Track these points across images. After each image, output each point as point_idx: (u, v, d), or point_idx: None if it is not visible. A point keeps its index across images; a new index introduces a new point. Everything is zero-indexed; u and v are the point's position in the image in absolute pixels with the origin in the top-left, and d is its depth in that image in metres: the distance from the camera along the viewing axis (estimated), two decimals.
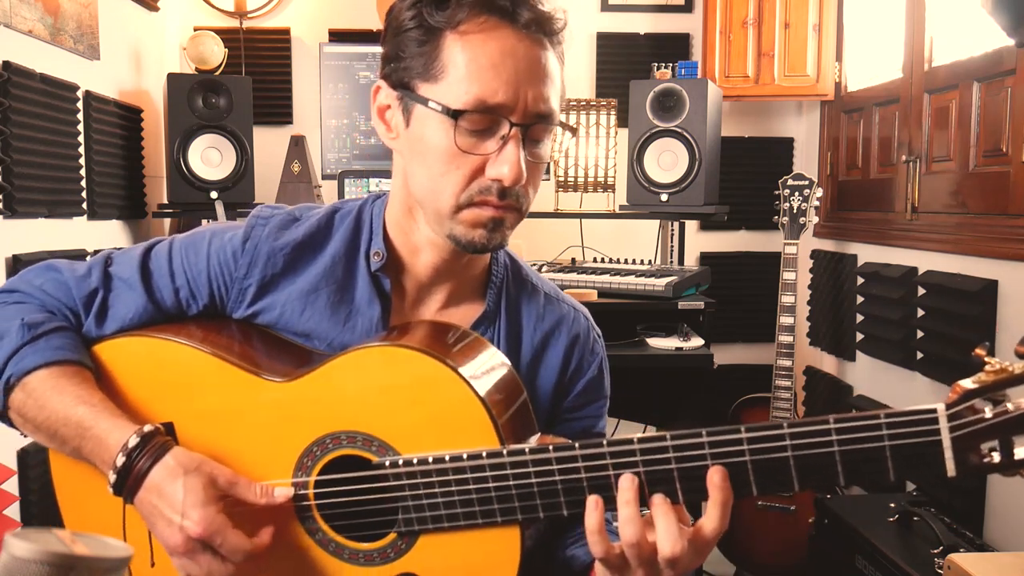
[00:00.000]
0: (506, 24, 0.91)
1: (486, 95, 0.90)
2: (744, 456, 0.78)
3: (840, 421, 0.75)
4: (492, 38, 0.91)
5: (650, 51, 3.25)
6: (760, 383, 2.83)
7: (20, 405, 0.95)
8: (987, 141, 2.16)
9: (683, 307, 2.43)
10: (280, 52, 3.24)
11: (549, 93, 0.94)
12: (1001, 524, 2.01)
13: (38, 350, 0.95)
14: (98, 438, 0.91)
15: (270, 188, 2.89)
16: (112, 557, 0.58)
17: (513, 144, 0.92)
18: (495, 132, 0.92)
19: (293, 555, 0.94)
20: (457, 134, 0.91)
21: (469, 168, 0.93)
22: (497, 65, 0.90)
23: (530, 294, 1.12)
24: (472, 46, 0.91)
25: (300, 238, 1.03)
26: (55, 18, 2.14)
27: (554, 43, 0.96)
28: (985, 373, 0.71)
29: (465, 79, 0.90)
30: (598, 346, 1.14)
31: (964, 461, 0.71)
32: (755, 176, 3.30)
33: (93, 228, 2.42)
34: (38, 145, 2.07)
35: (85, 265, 1.05)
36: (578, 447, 0.83)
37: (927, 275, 2.32)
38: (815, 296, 3.16)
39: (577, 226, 3.05)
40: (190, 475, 0.87)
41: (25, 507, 1.91)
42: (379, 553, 0.92)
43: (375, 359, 0.91)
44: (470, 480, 0.85)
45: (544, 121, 0.95)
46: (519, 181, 0.92)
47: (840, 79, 3.06)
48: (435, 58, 0.92)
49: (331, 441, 0.92)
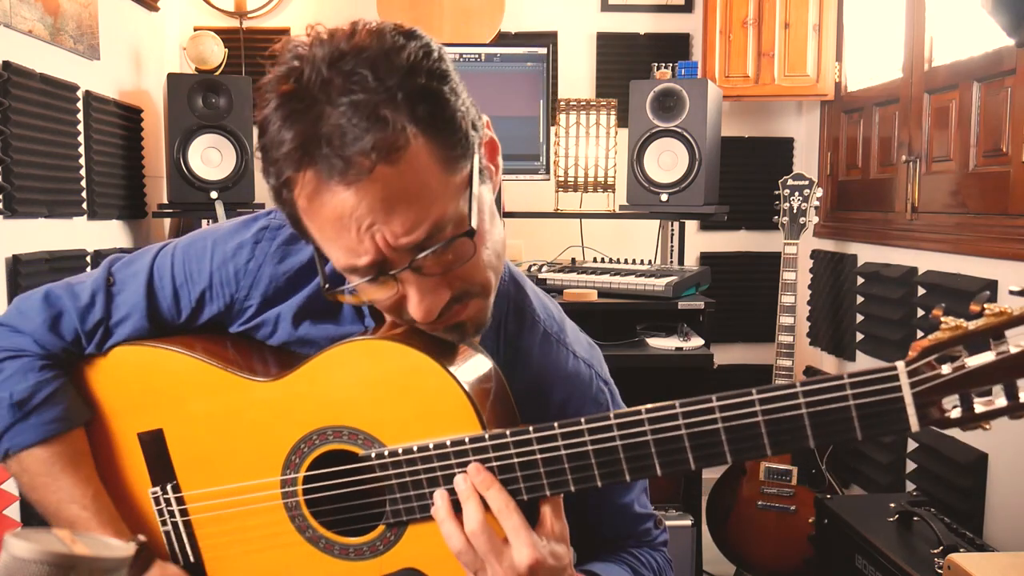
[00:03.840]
0: (326, 181, 0.75)
1: (352, 261, 0.79)
2: (717, 424, 0.80)
3: (806, 384, 0.77)
4: (322, 204, 0.76)
5: (650, 51, 3.25)
6: (760, 383, 2.81)
7: (18, 474, 0.97)
8: (987, 141, 2.16)
9: (683, 307, 2.43)
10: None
11: (414, 218, 0.76)
12: (1001, 524, 2.01)
13: (29, 427, 0.95)
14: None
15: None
16: (112, 557, 0.58)
17: (410, 288, 0.81)
18: (385, 285, 0.82)
19: (284, 554, 0.95)
20: (362, 294, 0.84)
21: (394, 311, 0.85)
22: (341, 233, 0.77)
23: (529, 329, 1.01)
24: (312, 220, 0.79)
25: (305, 261, 0.98)
26: (55, 18, 2.14)
27: (392, 157, 0.74)
28: (942, 331, 0.73)
29: (330, 253, 0.81)
30: (602, 397, 1.03)
31: (926, 416, 0.74)
32: (755, 176, 3.30)
33: (93, 228, 2.42)
34: (38, 145, 2.07)
35: (87, 290, 0.99)
36: (557, 426, 0.83)
37: (927, 275, 2.32)
38: (815, 296, 3.16)
39: (577, 226, 3.05)
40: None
41: (25, 507, 1.91)
42: (368, 547, 0.92)
43: (358, 353, 0.91)
44: (454, 466, 0.85)
45: (423, 250, 0.78)
46: (432, 315, 0.82)
47: (840, 79, 3.06)
48: (291, 207, 0.81)
49: (318, 437, 0.92)
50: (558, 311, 1.06)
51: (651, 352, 2.40)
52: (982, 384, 0.72)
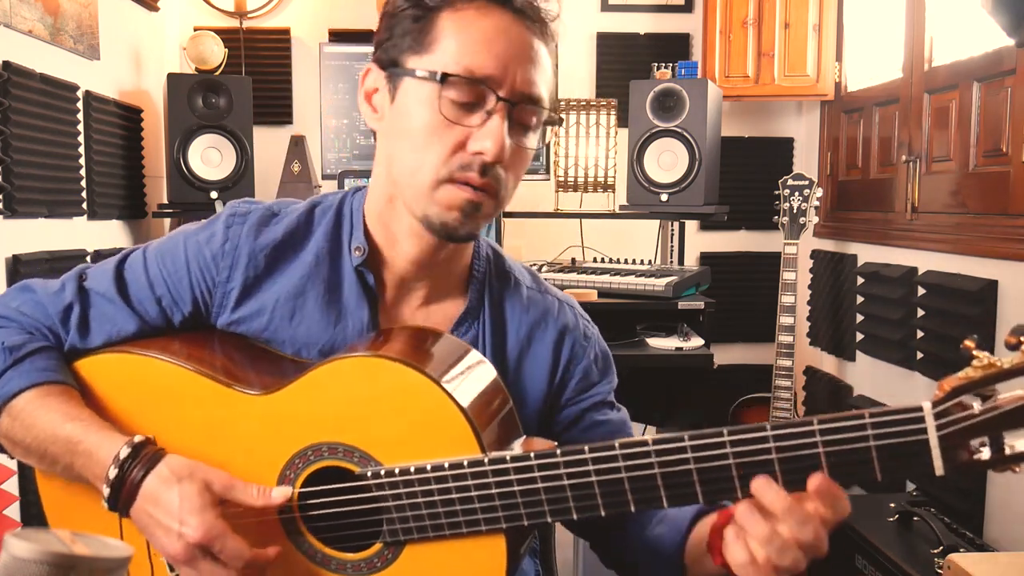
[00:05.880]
0: (501, 7, 0.92)
1: (474, 66, 0.89)
2: (728, 460, 0.77)
3: (824, 422, 0.73)
4: (486, 16, 0.91)
5: (650, 51, 3.25)
6: (760, 383, 2.83)
7: (8, 429, 0.94)
8: (987, 141, 2.16)
9: (683, 307, 2.43)
10: (280, 52, 3.24)
11: (539, 78, 0.93)
12: (1001, 524, 2.01)
13: (22, 372, 0.94)
14: (88, 452, 0.90)
15: (270, 188, 2.89)
16: (112, 557, 0.58)
17: (498, 118, 0.90)
18: (480, 107, 0.90)
19: (281, 567, 0.93)
20: (442, 103, 0.89)
21: (452, 141, 0.91)
22: (489, 40, 0.90)
23: (514, 287, 1.09)
24: (465, 21, 0.91)
25: (280, 236, 1.00)
26: (55, 18, 2.14)
27: (547, 38, 0.95)
28: (972, 368, 0.69)
29: (455, 50, 0.90)
30: (591, 331, 1.12)
31: (952, 459, 0.70)
32: (755, 176, 3.30)
33: (93, 228, 2.42)
34: (38, 145, 2.07)
35: (59, 281, 1.02)
36: (559, 453, 0.82)
37: (927, 275, 2.32)
38: (815, 296, 3.16)
39: (577, 226, 3.05)
40: (184, 482, 0.86)
41: (25, 507, 1.91)
42: (366, 563, 0.92)
43: (355, 370, 0.90)
44: (452, 489, 0.85)
45: (531, 103, 0.93)
46: (501, 157, 0.90)
47: (840, 79, 3.06)
48: (427, 32, 0.92)
49: (312, 453, 0.91)
50: (531, 271, 1.16)
51: (651, 352, 2.40)
52: (1017, 426, 0.68)
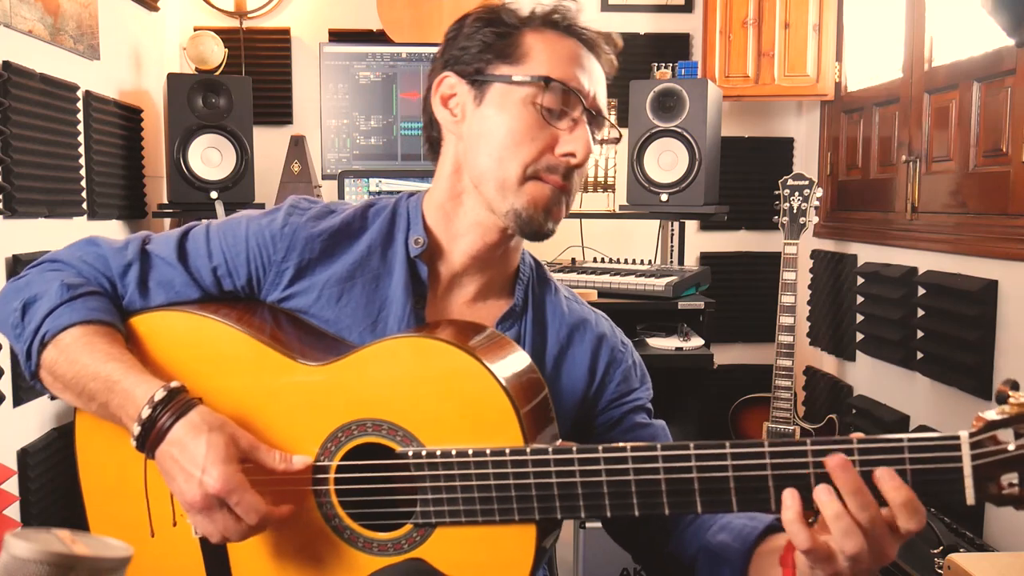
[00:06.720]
0: (574, 38, 1.05)
1: (567, 78, 1.01)
2: (766, 471, 0.78)
3: (863, 442, 0.75)
4: (566, 40, 1.04)
5: (650, 51, 3.25)
6: (760, 383, 2.83)
7: (52, 362, 0.98)
8: (987, 141, 2.16)
9: (683, 307, 2.43)
10: (280, 52, 3.24)
11: (605, 100, 1.08)
12: (1001, 524, 2.01)
13: (75, 309, 0.99)
14: (125, 392, 0.93)
15: (270, 188, 2.89)
16: (112, 557, 0.58)
17: (584, 125, 1.02)
18: (567, 115, 1.02)
19: (308, 539, 0.95)
20: (539, 105, 1.00)
21: (543, 141, 1.00)
22: (575, 58, 1.03)
23: (554, 293, 1.16)
24: (551, 41, 1.03)
25: (337, 226, 1.07)
26: (55, 18, 2.14)
27: (612, 68, 1.10)
28: (1010, 406, 0.72)
29: (547, 63, 1.01)
30: (626, 341, 1.19)
31: (984, 490, 0.72)
32: (755, 176, 3.30)
33: (93, 228, 2.42)
34: (38, 145, 2.06)
35: (123, 240, 1.09)
36: (601, 450, 0.83)
37: (927, 275, 2.32)
38: (815, 296, 3.16)
39: (577, 226, 3.05)
40: (213, 432, 0.89)
41: (25, 507, 1.91)
42: (393, 544, 0.93)
43: (406, 350, 0.92)
44: (491, 476, 0.86)
45: (603, 119, 1.06)
46: (587, 159, 1.02)
47: (840, 79, 3.06)
48: (515, 46, 1.02)
49: (356, 428, 0.92)
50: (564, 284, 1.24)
51: (651, 352, 2.40)
52: None
